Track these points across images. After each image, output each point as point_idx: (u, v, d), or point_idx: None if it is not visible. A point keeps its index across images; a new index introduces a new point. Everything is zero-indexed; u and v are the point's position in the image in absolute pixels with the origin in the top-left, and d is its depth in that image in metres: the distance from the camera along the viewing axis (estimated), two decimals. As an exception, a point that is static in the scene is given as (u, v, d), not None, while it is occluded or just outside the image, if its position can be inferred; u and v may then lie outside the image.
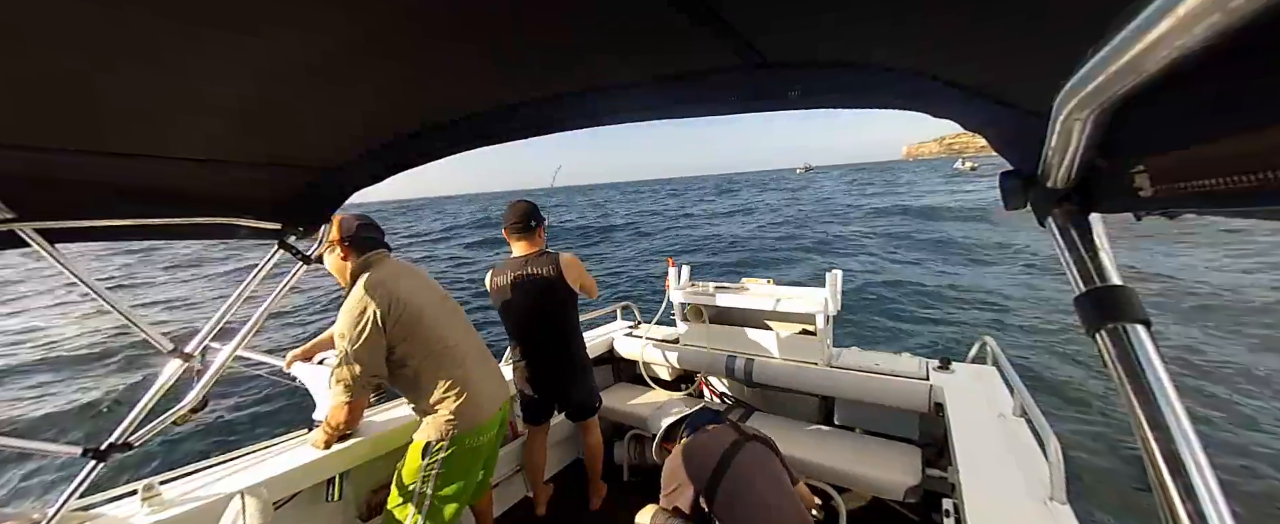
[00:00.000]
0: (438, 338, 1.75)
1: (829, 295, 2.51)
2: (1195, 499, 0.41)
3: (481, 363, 1.90)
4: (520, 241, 2.29)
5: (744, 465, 1.63)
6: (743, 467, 1.62)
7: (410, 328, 1.68)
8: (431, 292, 1.86)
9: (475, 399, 1.78)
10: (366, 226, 1.80)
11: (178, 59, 0.60)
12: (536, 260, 2.27)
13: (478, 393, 1.79)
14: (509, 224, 2.29)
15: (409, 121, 0.95)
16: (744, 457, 1.66)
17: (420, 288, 1.80)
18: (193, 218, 1.14)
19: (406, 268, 1.85)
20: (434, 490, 1.74)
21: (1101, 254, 0.54)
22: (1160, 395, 0.44)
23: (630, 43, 0.66)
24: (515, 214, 2.28)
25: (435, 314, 1.78)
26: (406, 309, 1.67)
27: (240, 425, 4.92)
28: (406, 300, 1.68)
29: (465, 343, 1.86)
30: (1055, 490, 1.44)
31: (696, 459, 1.67)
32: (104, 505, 1.49)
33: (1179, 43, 0.29)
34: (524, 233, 2.28)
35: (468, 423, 1.75)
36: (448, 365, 1.76)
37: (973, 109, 0.66)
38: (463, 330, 1.89)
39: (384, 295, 1.64)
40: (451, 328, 1.83)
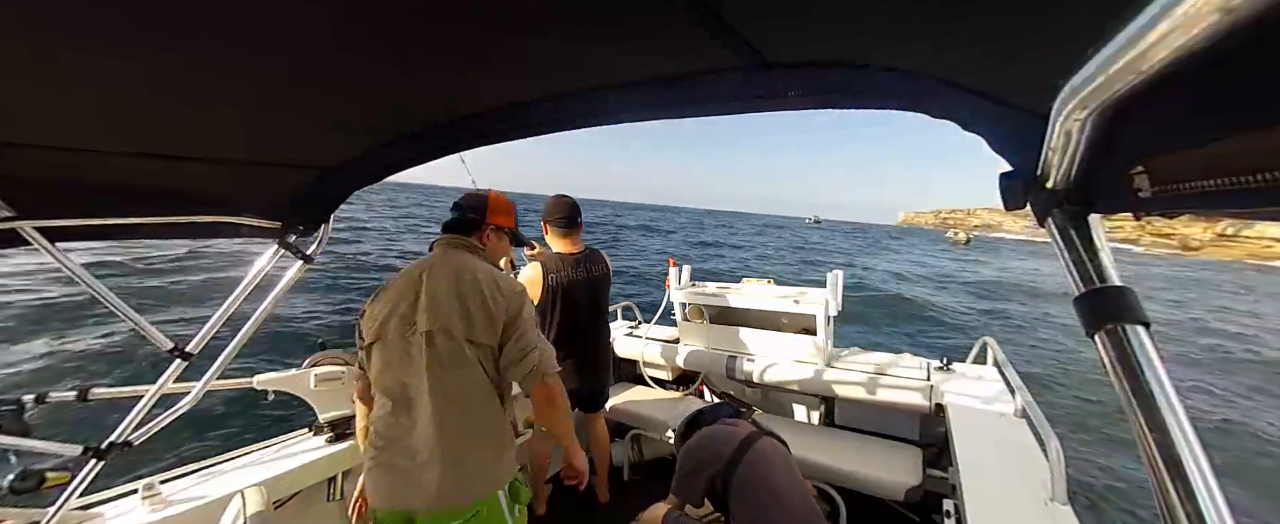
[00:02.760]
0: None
1: (829, 296, 2.51)
2: (1195, 500, 0.41)
3: None
4: (565, 239, 2.29)
5: (761, 455, 1.63)
6: (760, 457, 1.62)
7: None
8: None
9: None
10: (455, 207, 1.55)
11: (178, 59, 0.60)
12: (588, 259, 2.31)
13: None
14: (555, 219, 2.26)
15: (409, 121, 0.95)
16: (761, 448, 1.66)
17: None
18: (193, 217, 1.14)
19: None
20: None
21: (1101, 254, 0.54)
22: (1160, 396, 0.44)
23: (630, 43, 0.66)
24: (563, 209, 2.25)
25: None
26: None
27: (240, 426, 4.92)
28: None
29: None
30: (1055, 491, 1.43)
31: (713, 447, 1.68)
32: (104, 505, 1.49)
33: (1179, 43, 0.29)
34: (570, 229, 2.28)
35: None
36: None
37: (972, 109, 0.66)
38: None
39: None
40: None
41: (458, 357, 1.28)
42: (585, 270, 2.29)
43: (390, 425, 1.29)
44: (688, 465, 1.69)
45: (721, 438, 1.70)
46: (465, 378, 1.29)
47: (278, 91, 0.74)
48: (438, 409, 1.26)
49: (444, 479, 1.23)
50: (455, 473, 1.24)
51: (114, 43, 0.55)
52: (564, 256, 2.28)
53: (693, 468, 1.67)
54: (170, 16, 0.51)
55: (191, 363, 1.32)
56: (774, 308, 2.71)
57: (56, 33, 0.51)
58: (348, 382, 1.97)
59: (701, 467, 1.64)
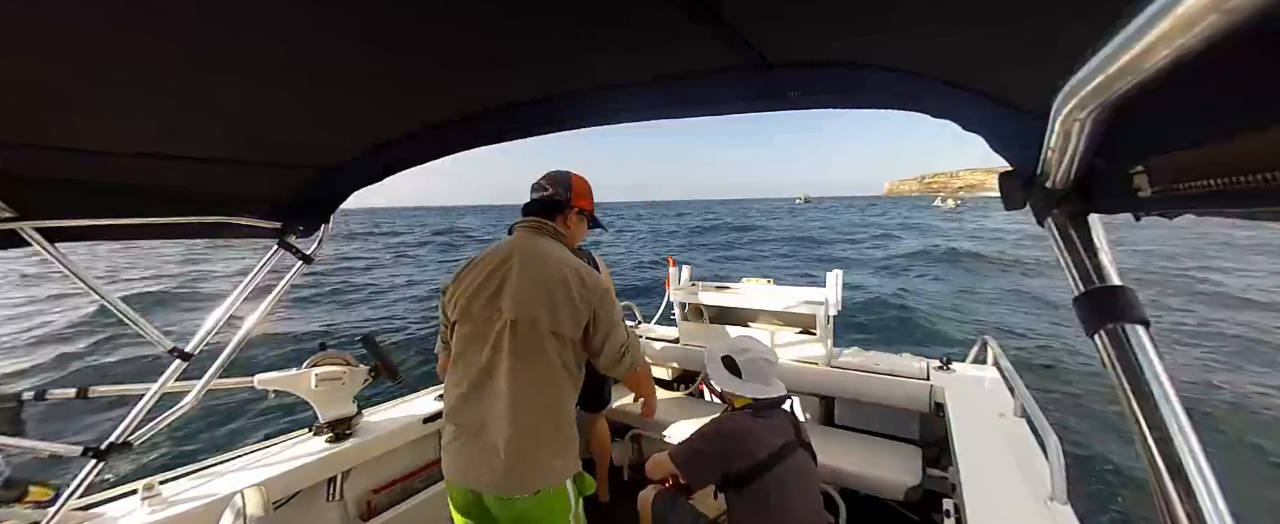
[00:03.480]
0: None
1: (829, 295, 2.51)
2: (1194, 499, 0.41)
3: None
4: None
5: (791, 472, 1.51)
6: (789, 473, 1.50)
7: None
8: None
9: None
10: (533, 187, 1.52)
11: (178, 60, 0.60)
12: (588, 260, 2.38)
13: None
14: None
15: (409, 122, 0.95)
16: (794, 462, 1.53)
17: None
18: (193, 217, 1.14)
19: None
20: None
21: (1101, 255, 0.54)
22: (1159, 396, 0.44)
23: (631, 43, 0.66)
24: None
25: None
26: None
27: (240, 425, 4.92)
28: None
29: None
30: (1055, 490, 1.43)
31: (746, 446, 1.51)
32: (104, 505, 1.49)
33: (1179, 43, 0.29)
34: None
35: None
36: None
37: (972, 109, 0.66)
38: None
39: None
40: None
41: (538, 347, 1.28)
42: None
43: (466, 408, 1.30)
44: (712, 449, 1.55)
45: (756, 436, 1.54)
46: (543, 368, 1.29)
47: (278, 92, 0.74)
48: (514, 397, 1.26)
49: (514, 466, 1.24)
50: (525, 461, 1.25)
51: (114, 43, 0.55)
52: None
53: (717, 455, 1.53)
54: (170, 17, 0.51)
55: (191, 363, 1.32)
56: (774, 308, 2.71)
57: (56, 33, 0.51)
58: (348, 382, 1.97)
59: (726, 458, 1.52)
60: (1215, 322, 8.05)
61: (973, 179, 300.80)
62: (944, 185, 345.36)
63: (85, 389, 1.55)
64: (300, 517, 1.86)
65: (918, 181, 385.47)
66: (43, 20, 0.49)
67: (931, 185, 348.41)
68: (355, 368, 1.99)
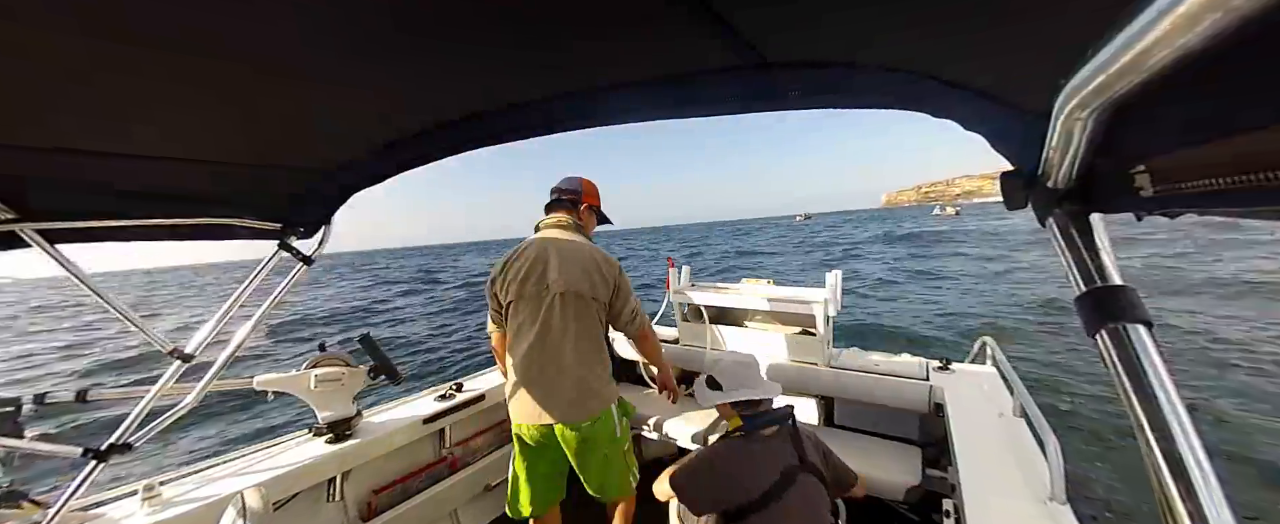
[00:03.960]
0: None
1: (829, 295, 2.51)
2: (1196, 499, 0.41)
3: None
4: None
5: (789, 509, 1.39)
6: (785, 510, 1.38)
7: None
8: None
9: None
10: (553, 191, 1.93)
11: (178, 60, 0.60)
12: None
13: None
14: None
15: (409, 122, 0.95)
16: (794, 495, 1.41)
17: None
18: (193, 218, 1.14)
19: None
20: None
21: (1102, 254, 0.54)
22: (1161, 396, 0.44)
23: (630, 43, 0.66)
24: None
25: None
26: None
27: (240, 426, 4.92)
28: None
29: None
30: (1055, 491, 1.43)
31: (738, 479, 1.42)
32: (104, 505, 1.49)
33: (1179, 42, 0.29)
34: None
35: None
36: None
37: (973, 109, 0.66)
38: None
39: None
40: None
41: (584, 310, 1.71)
42: None
43: (532, 363, 1.68)
44: (706, 484, 1.47)
45: (749, 470, 1.44)
46: (589, 324, 1.72)
47: (278, 92, 0.74)
48: (569, 348, 1.67)
49: (575, 398, 1.66)
50: (582, 393, 1.67)
51: (114, 43, 0.55)
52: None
53: (710, 491, 1.45)
54: (170, 16, 0.51)
55: (191, 364, 1.32)
56: (773, 308, 2.71)
57: (56, 33, 0.51)
58: (347, 383, 1.97)
59: (719, 495, 1.43)
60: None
61: (969, 185, 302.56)
62: (941, 193, 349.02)
63: (84, 392, 1.55)
64: (300, 517, 1.86)
65: (915, 191, 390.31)
66: (43, 20, 0.49)
67: (929, 194, 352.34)
68: (355, 369, 1.99)
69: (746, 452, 1.49)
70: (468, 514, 2.45)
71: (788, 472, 1.44)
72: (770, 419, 1.54)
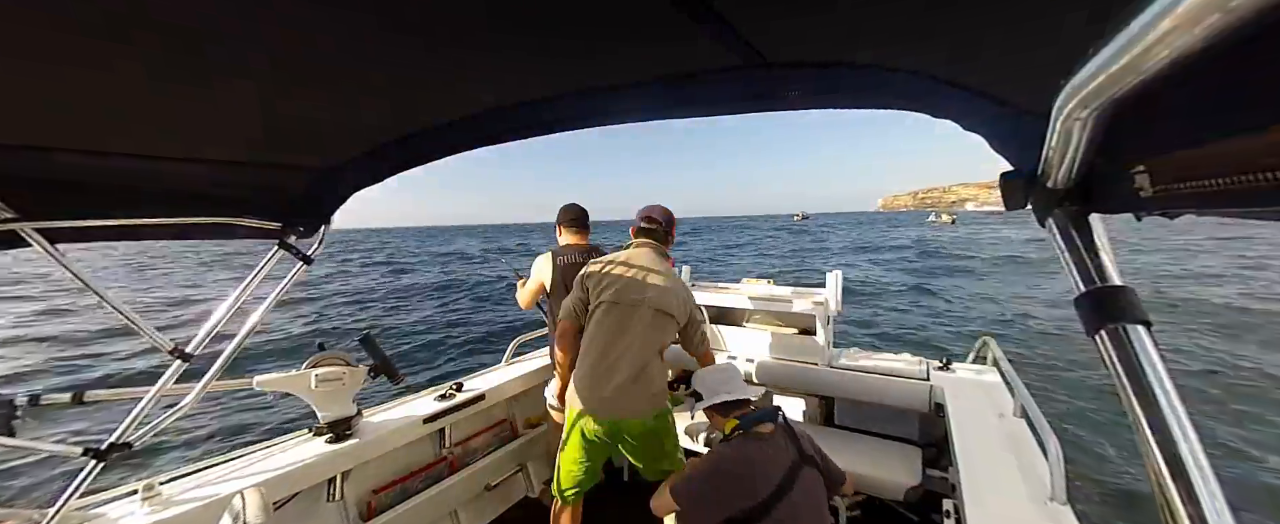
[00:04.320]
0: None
1: (829, 296, 2.51)
2: (1195, 500, 0.41)
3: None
4: (578, 234, 2.56)
5: (797, 506, 1.41)
6: (794, 508, 1.40)
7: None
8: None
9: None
10: (648, 220, 2.13)
11: (178, 60, 0.60)
12: (595, 251, 2.54)
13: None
14: (568, 220, 2.57)
15: (409, 122, 0.95)
16: (800, 490, 1.43)
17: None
18: (193, 218, 1.14)
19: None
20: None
21: (1102, 254, 0.54)
22: (1161, 396, 0.44)
23: (631, 43, 0.66)
24: (574, 211, 2.61)
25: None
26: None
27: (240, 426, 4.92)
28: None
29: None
30: (1055, 491, 1.43)
31: (745, 482, 1.43)
32: (104, 505, 1.49)
33: (1179, 43, 0.29)
34: (581, 228, 2.58)
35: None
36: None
37: (973, 109, 0.66)
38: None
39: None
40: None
41: (665, 327, 1.96)
42: (591, 257, 2.44)
43: (607, 361, 1.87)
44: (712, 492, 1.45)
45: (756, 471, 1.44)
46: (660, 337, 1.95)
47: (278, 92, 0.74)
48: (642, 356, 1.88)
49: (641, 397, 1.87)
50: (650, 393, 1.89)
51: (113, 43, 0.55)
52: (572, 247, 2.50)
53: (717, 498, 1.43)
54: (170, 17, 0.51)
55: (191, 364, 1.32)
56: (773, 308, 2.71)
57: (56, 33, 0.51)
58: (347, 382, 1.97)
59: (726, 500, 1.41)
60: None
61: (966, 193, 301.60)
62: (937, 200, 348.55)
63: (81, 393, 1.55)
64: (300, 517, 1.86)
65: (911, 197, 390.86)
66: (42, 20, 0.49)
67: (925, 200, 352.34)
68: (355, 368, 1.99)
69: (749, 452, 1.49)
70: (468, 514, 2.45)
71: (792, 468, 1.47)
72: (763, 416, 1.58)
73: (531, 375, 2.79)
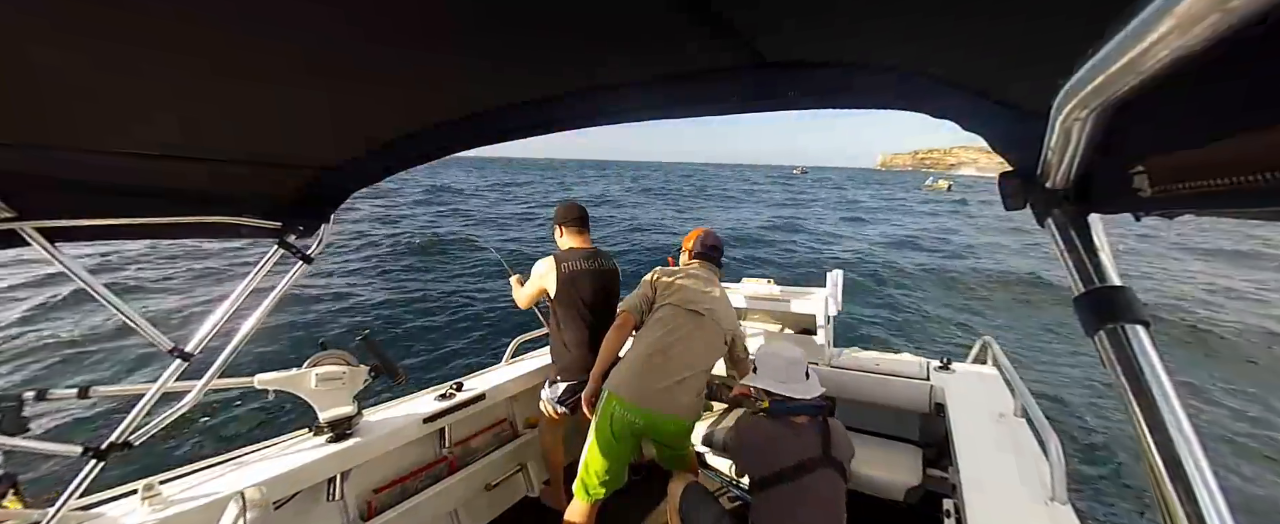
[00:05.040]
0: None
1: (830, 295, 2.51)
2: (1195, 500, 0.41)
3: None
4: (578, 236, 2.51)
5: (810, 491, 1.52)
6: (808, 491, 1.52)
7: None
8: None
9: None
10: (709, 247, 2.36)
11: (178, 59, 0.60)
12: (600, 255, 2.51)
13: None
14: (571, 219, 2.51)
15: (409, 121, 0.95)
16: (815, 480, 1.53)
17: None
18: (193, 217, 1.14)
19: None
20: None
21: (1101, 254, 0.54)
22: (1160, 396, 0.44)
23: (630, 43, 0.66)
24: (575, 211, 2.57)
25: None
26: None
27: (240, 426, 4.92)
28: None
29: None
30: (1056, 490, 1.43)
31: (757, 450, 1.64)
32: (104, 505, 1.49)
33: (1179, 43, 0.29)
34: (582, 228, 2.53)
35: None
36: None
37: (972, 109, 0.66)
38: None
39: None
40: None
41: (717, 338, 2.12)
42: (595, 263, 2.45)
43: (659, 356, 1.97)
44: (733, 446, 1.79)
45: (775, 448, 1.59)
46: (715, 351, 2.12)
47: (278, 92, 0.74)
48: (698, 362, 2.02)
49: (679, 400, 1.94)
50: (689, 399, 1.98)
51: (113, 43, 0.55)
52: (574, 250, 2.45)
53: (740, 448, 1.73)
54: (169, 16, 0.51)
55: (191, 363, 1.32)
56: (773, 308, 2.71)
57: (55, 33, 0.51)
58: (348, 382, 1.97)
59: (745, 454, 1.71)
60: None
61: (966, 156, 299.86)
62: (937, 161, 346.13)
63: (86, 389, 1.55)
64: (300, 517, 1.86)
65: (911, 156, 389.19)
66: (42, 20, 0.49)
67: (924, 161, 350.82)
68: (355, 367, 1.99)
69: (771, 430, 1.66)
70: (468, 514, 2.46)
71: (809, 462, 1.55)
72: (802, 409, 1.67)
73: (532, 375, 2.79)
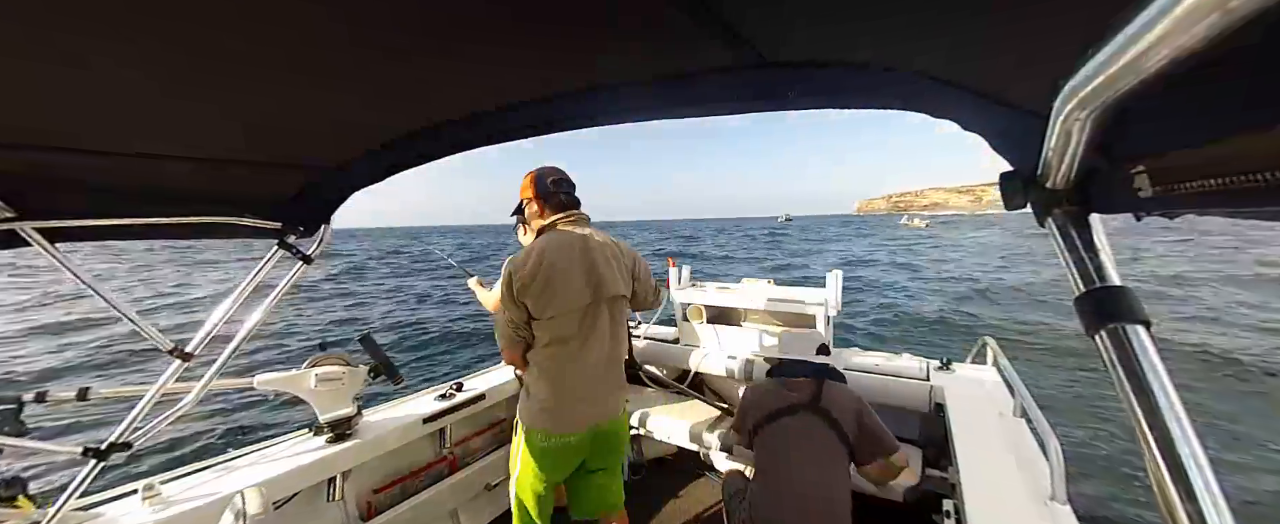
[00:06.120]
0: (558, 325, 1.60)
1: (829, 295, 2.51)
2: (1195, 500, 0.41)
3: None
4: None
5: (790, 431, 1.71)
6: (788, 431, 1.72)
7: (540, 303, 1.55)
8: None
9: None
10: (561, 182, 1.69)
11: (178, 59, 0.60)
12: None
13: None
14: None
15: (409, 121, 0.95)
16: (794, 422, 1.72)
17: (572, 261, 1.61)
18: (193, 217, 1.14)
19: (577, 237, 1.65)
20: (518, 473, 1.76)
21: (1101, 254, 0.54)
22: (1160, 396, 0.44)
23: (630, 43, 0.66)
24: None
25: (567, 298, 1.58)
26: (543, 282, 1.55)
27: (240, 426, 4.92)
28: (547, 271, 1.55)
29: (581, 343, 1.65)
30: (1055, 491, 1.43)
31: (754, 405, 1.83)
32: (104, 505, 1.49)
33: (1179, 43, 0.29)
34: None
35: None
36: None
37: (972, 109, 0.66)
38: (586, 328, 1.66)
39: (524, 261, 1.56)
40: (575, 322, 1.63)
41: (623, 311, 1.76)
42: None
43: (572, 373, 1.63)
44: (739, 407, 1.91)
45: (769, 399, 1.80)
46: (622, 328, 1.77)
47: (278, 92, 0.74)
48: (611, 355, 1.71)
49: (615, 400, 1.74)
50: (616, 395, 1.77)
51: (113, 42, 0.55)
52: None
53: (741, 410, 1.88)
54: (169, 16, 0.51)
55: (191, 363, 1.32)
56: (773, 308, 2.71)
57: (55, 33, 0.51)
58: (347, 382, 1.97)
59: (744, 412, 1.85)
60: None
61: (938, 197, 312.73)
62: (910, 204, 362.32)
63: (85, 391, 1.55)
64: (300, 517, 1.86)
65: (886, 201, 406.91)
66: (42, 20, 0.49)
67: (898, 204, 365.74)
68: (355, 368, 1.99)
69: (769, 388, 1.87)
70: (467, 514, 2.46)
71: (795, 407, 1.75)
72: (799, 372, 1.87)
73: None
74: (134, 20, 0.51)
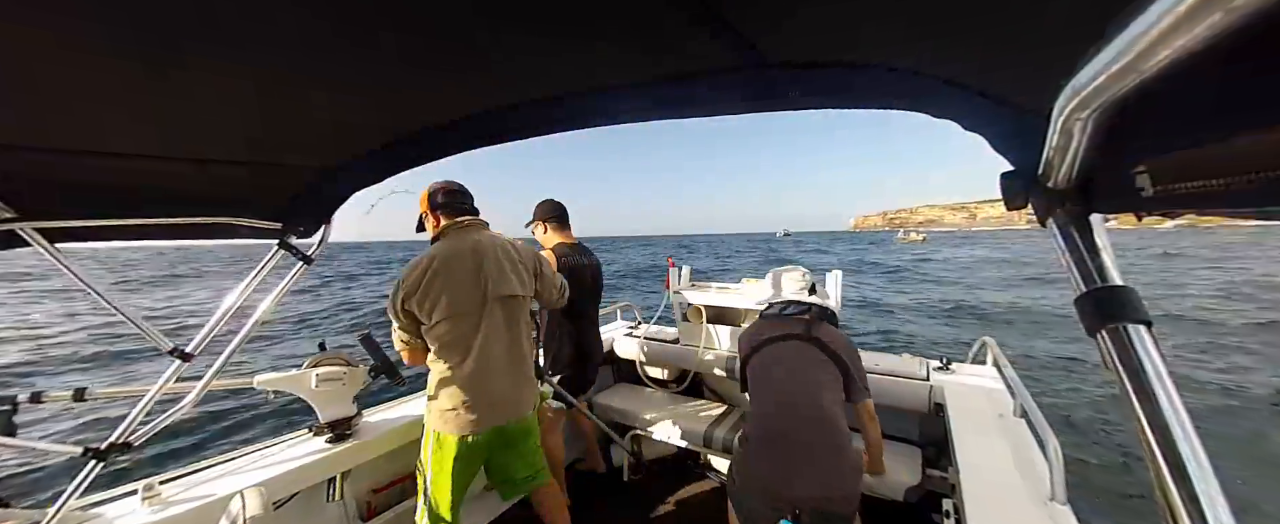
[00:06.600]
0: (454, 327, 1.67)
1: (828, 296, 2.51)
2: (1196, 499, 0.41)
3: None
4: (564, 231, 2.58)
5: (776, 355, 1.80)
6: (775, 355, 1.81)
7: (427, 308, 1.65)
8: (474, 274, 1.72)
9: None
10: (452, 192, 1.81)
11: (178, 59, 0.60)
12: (588, 250, 2.60)
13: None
14: (555, 216, 2.57)
15: (409, 122, 0.95)
16: (781, 350, 1.81)
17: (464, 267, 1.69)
18: (193, 218, 1.14)
19: (474, 242, 1.74)
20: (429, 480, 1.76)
21: (1102, 254, 0.54)
22: (1161, 395, 0.44)
23: (630, 43, 0.66)
24: (560, 207, 2.59)
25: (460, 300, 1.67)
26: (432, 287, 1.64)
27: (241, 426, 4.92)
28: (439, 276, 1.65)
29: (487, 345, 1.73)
30: (1055, 491, 1.43)
31: (747, 338, 1.96)
32: (104, 505, 1.49)
33: (1179, 43, 0.29)
34: (567, 223, 2.59)
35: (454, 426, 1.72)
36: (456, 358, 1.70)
37: (973, 109, 0.66)
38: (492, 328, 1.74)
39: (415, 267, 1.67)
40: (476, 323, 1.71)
41: (520, 310, 1.81)
42: (588, 258, 2.56)
43: (476, 374, 1.68)
44: (738, 353, 1.99)
45: (762, 334, 1.89)
46: (522, 325, 1.83)
47: (277, 91, 0.74)
48: (511, 354, 1.76)
49: (522, 398, 1.81)
50: (526, 393, 1.83)
51: (113, 43, 0.55)
52: (564, 245, 2.53)
53: (738, 350, 1.98)
54: (169, 16, 0.51)
55: (191, 363, 1.32)
56: None
57: (55, 33, 0.51)
58: (348, 382, 1.97)
59: (739, 349, 1.96)
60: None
61: (932, 214, 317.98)
62: (905, 220, 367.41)
63: (82, 391, 1.55)
64: (300, 517, 1.86)
65: (881, 217, 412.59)
66: (42, 20, 0.49)
67: (893, 221, 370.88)
68: (355, 368, 1.99)
69: (763, 324, 1.96)
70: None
71: (788, 334, 1.83)
72: (791, 311, 1.93)
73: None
74: (134, 21, 0.51)
